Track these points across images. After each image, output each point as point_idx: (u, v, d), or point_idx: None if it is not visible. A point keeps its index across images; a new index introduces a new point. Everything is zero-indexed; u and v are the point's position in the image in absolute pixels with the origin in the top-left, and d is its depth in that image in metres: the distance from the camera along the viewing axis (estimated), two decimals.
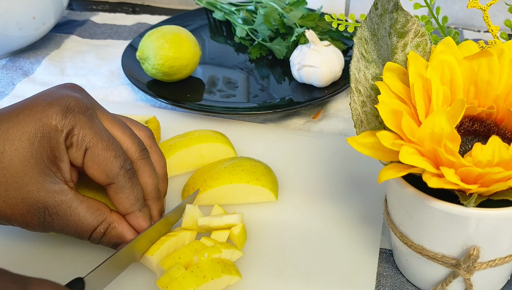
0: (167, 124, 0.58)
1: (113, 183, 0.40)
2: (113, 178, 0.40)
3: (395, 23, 0.38)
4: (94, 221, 0.40)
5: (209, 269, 0.39)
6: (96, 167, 0.39)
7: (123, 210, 0.41)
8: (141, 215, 0.42)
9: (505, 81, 0.37)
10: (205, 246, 0.42)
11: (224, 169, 0.48)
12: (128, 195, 0.41)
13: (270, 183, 0.48)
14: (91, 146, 0.39)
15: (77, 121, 0.39)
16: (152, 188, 0.43)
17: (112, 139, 0.40)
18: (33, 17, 0.69)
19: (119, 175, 0.40)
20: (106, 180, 0.40)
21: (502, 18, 0.47)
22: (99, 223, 0.40)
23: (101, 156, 0.39)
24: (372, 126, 0.40)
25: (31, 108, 0.39)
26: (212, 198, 0.48)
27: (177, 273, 0.39)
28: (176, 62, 0.61)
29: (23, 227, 0.40)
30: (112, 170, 0.39)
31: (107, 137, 0.40)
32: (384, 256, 0.44)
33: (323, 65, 0.60)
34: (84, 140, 0.39)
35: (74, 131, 0.38)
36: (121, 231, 0.41)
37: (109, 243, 0.41)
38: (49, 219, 0.39)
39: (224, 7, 0.77)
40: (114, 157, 0.39)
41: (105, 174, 0.39)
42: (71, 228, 0.40)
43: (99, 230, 0.40)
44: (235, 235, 0.43)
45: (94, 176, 0.40)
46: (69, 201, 0.39)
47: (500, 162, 0.31)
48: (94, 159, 0.39)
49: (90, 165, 0.39)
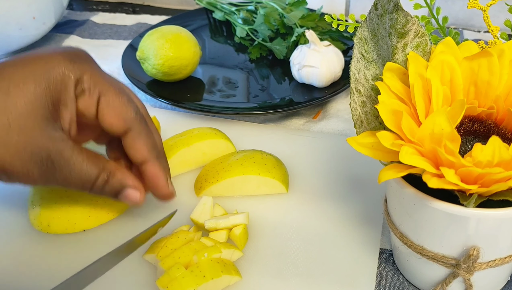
0: (167, 124, 0.58)
1: (130, 130, 0.39)
2: (131, 122, 0.39)
3: (395, 24, 0.38)
4: (95, 169, 0.39)
5: (209, 269, 0.39)
6: (113, 113, 0.38)
7: (141, 157, 0.40)
8: (158, 164, 0.41)
9: (505, 82, 0.37)
10: (205, 246, 0.42)
11: (236, 161, 0.49)
12: (146, 141, 0.40)
13: (281, 175, 0.49)
14: (104, 91, 0.38)
15: (86, 69, 0.38)
16: (160, 140, 0.42)
17: (120, 84, 0.40)
18: (33, 17, 0.69)
19: (136, 119, 0.39)
20: (124, 125, 0.39)
21: (502, 18, 0.46)
22: (100, 171, 0.39)
23: (116, 101, 0.38)
24: (372, 127, 0.40)
25: (37, 56, 0.38)
26: (224, 189, 0.49)
27: (177, 273, 0.39)
28: (176, 62, 0.61)
29: (23, 180, 0.38)
30: (129, 113, 0.39)
31: (116, 83, 0.39)
32: (384, 256, 0.44)
33: (323, 66, 0.60)
34: (96, 87, 0.38)
35: (84, 78, 0.38)
36: (121, 177, 0.40)
37: (111, 191, 0.40)
38: (52, 167, 0.37)
39: (224, 7, 0.77)
40: (128, 101, 0.39)
41: (122, 119, 0.39)
42: (74, 178, 0.38)
43: (102, 178, 0.39)
44: (236, 235, 0.44)
45: (111, 123, 0.39)
46: (70, 149, 0.38)
47: (500, 162, 0.31)
48: (110, 104, 0.38)
49: (106, 112, 0.38)
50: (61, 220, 0.45)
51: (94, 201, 0.46)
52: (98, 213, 0.46)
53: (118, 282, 0.41)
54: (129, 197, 0.41)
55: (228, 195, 0.49)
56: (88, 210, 0.45)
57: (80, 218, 0.45)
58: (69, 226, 0.45)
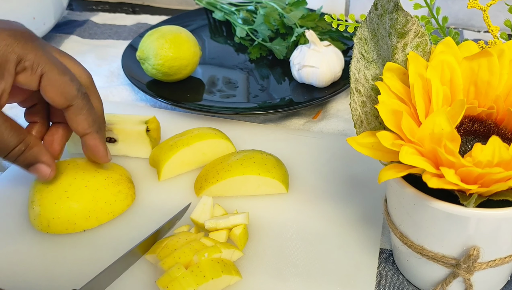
0: (167, 124, 0.58)
1: (71, 105, 0.42)
2: (72, 100, 0.42)
3: (395, 24, 0.38)
4: (15, 139, 0.41)
5: (209, 269, 0.39)
6: (55, 90, 0.41)
7: (82, 130, 0.44)
8: (98, 136, 0.45)
9: (505, 82, 0.37)
10: (205, 246, 0.42)
11: (236, 161, 0.49)
12: (87, 116, 0.43)
13: (281, 175, 0.49)
14: (46, 70, 0.41)
15: (30, 48, 0.40)
16: (101, 113, 0.47)
17: (64, 65, 0.42)
18: (33, 18, 0.69)
19: (77, 97, 0.42)
20: (65, 102, 0.42)
21: (502, 18, 0.47)
22: (19, 142, 0.41)
23: (58, 80, 0.41)
24: (372, 127, 0.40)
25: None
26: (224, 189, 0.49)
27: (177, 273, 0.39)
28: (176, 62, 0.61)
29: None
30: (70, 92, 0.42)
31: (60, 63, 0.42)
32: (384, 256, 0.44)
33: (323, 66, 0.60)
34: (39, 65, 0.40)
35: (28, 56, 0.40)
36: (37, 151, 0.43)
37: (24, 162, 0.43)
38: None
39: (224, 7, 0.77)
40: (71, 80, 0.42)
41: (64, 96, 0.42)
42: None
43: (19, 148, 0.42)
44: (237, 235, 0.44)
45: (53, 99, 0.42)
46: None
47: (500, 162, 0.31)
48: (52, 82, 0.41)
49: (49, 89, 0.41)
50: (61, 220, 0.45)
51: (94, 201, 0.46)
52: (98, 213, 0.46)
53: (119, 282, 0.41)
54: (39, 170, 0.44)
55: (228, 195, 0.49)
56: (88, 210, 0.45)
57: (80, 218, 0.45)
58: (69, 226, 0.45)
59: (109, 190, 0.47)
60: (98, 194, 0.46)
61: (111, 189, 0.47)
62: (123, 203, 0.47)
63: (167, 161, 0.50)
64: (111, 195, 0.47)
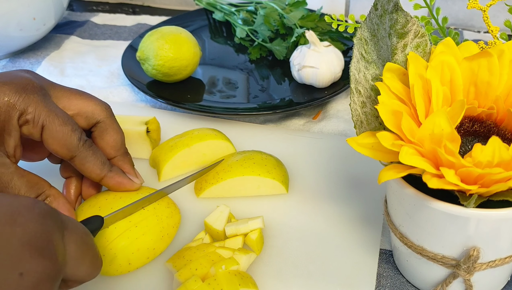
0: (167, 125, 0.58)
1: (75, 156, 0.42)
2: (74, 150, 0.42)
3: (395, 24, 0.38)
4: (32, 194, 0.41)
5: (227, 282, 0.38)
6: (56, 143, 0.41)
7: (95, 176, 0.43)
8: (113, 174, 0.44)
9: (505, 82, 0.37)
10: (222, 257, 0.41)
11: (236, 162, 0.49)
12: (94, 162, 0.43)
13: (281, 175, 0.49)
14: (47, 123, 0.40)
15: (31, 100, 0.40)
16: (121, 143, 0.46)
17: (66, 115, 0.42)
18: (34, 18, 0.69)
19: (79, 147, 0.42)
20: (68, 153, 0.42)
21: (502, 18, 0.47)
22: (37, 196, 0.41)
23: (59, 131, 0.41)
24: (372, 127, 0.40)
25: None
26: (224, 190, 0.49)
27: (194, 286, 0.38)
28: (176, 63, 0.61)
29: None
30: (72, 143, 0.41)
31: (62, 114, 0.42)
32: (384, 256, 0.44)
33: (323, 66, 0.60)
34: (40, 118, 0.40)
35: (29, 109, 0.40)
36: (56, 206, 0.42)
37: None
38: None
39: (224, 8, 0.77)
40: (72, 131, 0.41)
41: (66, 148, 0.41)
42: None
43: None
44: (253, 240, 0.43)
45: (56, 151, 0.41)
46: (11, 174, 0.40)
47: (500, 162, 0.31)
48: (53, 135, 0.41)
49: (50, 142, 0.41)
50: (141, 252, 0.43)
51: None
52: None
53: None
54: None
55: (228, 196, 0.49)
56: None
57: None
58: (149, 254, 0.44)
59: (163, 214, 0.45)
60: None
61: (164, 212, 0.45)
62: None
63: (167, 162, 0.50)
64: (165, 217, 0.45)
